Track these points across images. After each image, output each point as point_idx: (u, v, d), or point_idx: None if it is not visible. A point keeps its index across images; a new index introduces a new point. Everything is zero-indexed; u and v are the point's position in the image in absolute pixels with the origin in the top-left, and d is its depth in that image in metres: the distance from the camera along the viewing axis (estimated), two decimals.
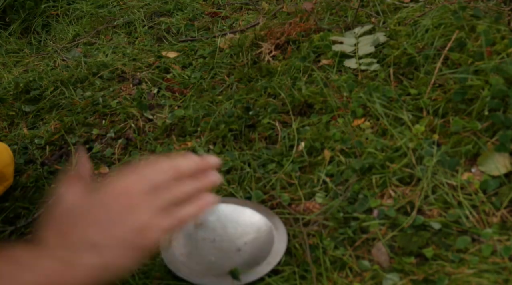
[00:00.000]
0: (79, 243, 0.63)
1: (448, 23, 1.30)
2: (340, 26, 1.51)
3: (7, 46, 2.00)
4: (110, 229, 0.64)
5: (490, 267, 0.88)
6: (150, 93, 1.51)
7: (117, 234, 0.63)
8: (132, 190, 0.67)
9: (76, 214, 0.67)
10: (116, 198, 0.67)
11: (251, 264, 0.94)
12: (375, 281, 0.90)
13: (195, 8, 1.95)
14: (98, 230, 0.64)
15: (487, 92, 1.09)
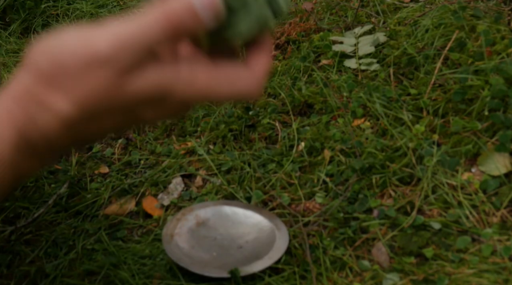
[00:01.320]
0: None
1: (448, 23, 1.30)
2: (340, 26, 1.51)
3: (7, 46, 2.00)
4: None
5: (490, 267, 0.88)
6: None
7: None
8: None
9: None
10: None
11: (252, 259, 0.94)
12: (375, 281, 0.90)
13: None
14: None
15: (487, 92, 1.09)
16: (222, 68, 0.47)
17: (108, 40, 0.43)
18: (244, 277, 0.93)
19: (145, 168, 1.26)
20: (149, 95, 0.45)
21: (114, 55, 0.42)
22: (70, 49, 0.43)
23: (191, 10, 0.44)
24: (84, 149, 1.34)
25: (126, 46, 0.43)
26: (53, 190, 1.25)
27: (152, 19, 0.44)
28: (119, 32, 0.43)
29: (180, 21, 0.44)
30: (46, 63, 0.44)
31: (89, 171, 1.29)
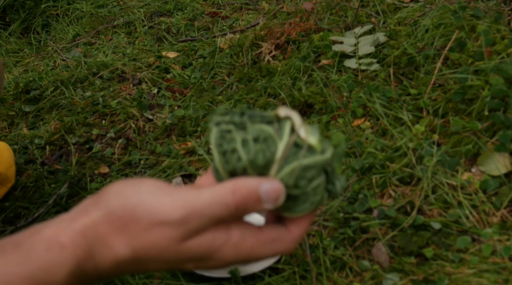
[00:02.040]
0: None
1: (448, 23, 1.30)
2: (340, 26, 1.51)
3: (7, 46, 2.00)
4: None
5: (490, 267, 0.88)
6: (150, 93, 1.52)
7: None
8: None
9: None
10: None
11: None
12: (375, 281, 0.90)
13: (195, 8, 1.95)
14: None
15: (487, 92, 1.09)
16: (267, 233, 0.51)
17: (182, 207, 0.48)
18: (244, 277, 0.93)
19: (145, 168, 1.26)
20: (199, 254, 0.50)
21: (183, 222, 0.48)
22: (146, 205, 0.49)
23: (256, 195, 0.48)
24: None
25: (195, 216, 0.48)
26: (53, 190, 1.25)
27: (222, 195, 0.48)
28: (192, 201, 0.48)
29: (245, 204, 0.48)
30: (120, 209, 0.49)
31: (89, 171, 1.29)
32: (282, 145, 0.49)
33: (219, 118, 0.51)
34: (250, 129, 0.49)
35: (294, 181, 0.49)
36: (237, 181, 0.49)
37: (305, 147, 0.49)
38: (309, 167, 0.49)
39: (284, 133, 0.49)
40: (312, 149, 0.49)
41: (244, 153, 0.49)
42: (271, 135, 0.49)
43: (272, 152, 0.48)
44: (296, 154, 0.49)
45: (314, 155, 0.49)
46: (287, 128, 0.50)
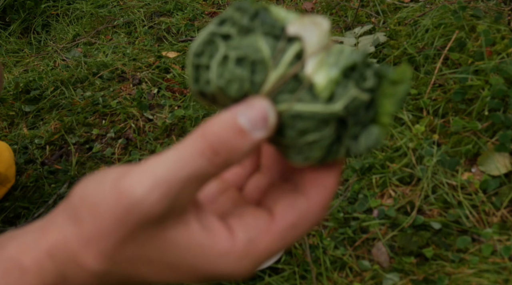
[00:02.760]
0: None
1: (448, 23, 1.30)
2: (340, 26, 1.51)
3: (7, 46, 2.00)
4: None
5: (490, 267, 0.88)
6: (150, 93, 1.52)
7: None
8: None
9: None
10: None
11: None
12: (375, 281, 0.90)
13: (195, 8, 1.95)
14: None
15: (487, 92, 1.09)
16: (282, 220, 0.38)
17: (142, 182, 0.35)
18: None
19: None
20: (191, 262, 0.37)
21: (148, 199, 0.35)
22: (105, 199, 0.36)
23: (236, 127, 0.35)
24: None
25: (161, 188, 0.34)
26: (53, 190, 1.25)
27: (189, 145, 0.35)
28: (154, 171, 0.35)
29: (225, 143, 0.35)
30: (86, 215, 0.38)
31: (89, 171, 1.29)
32: (273, 77, 0.35)
33: (228, 14, 0.37)
34: (244, 42, 0.36)
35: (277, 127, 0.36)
36: (207, 121, 0.36)
37: (304, 86, 0.35)
38: (300, 116, 0.35)
39: (282, 60, 0.35)
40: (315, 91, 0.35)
41: (216, 76, 0.36)
42: (264, 59, 0.35)
43: (255, 83, 0.35)
44: (294, 92, 0.35)
45: (313, 102, 0.35)
46: (290, 53, 0.35)
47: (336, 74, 0.35)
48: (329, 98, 0.35)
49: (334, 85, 0.35)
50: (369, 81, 0.36)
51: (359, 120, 0.36)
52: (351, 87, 0.35)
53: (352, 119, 0.36)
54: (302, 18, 0.36)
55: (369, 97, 0.36)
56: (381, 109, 0.36)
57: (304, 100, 0.35)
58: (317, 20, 0.36)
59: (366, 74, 0.36)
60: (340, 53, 0.36)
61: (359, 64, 0.36)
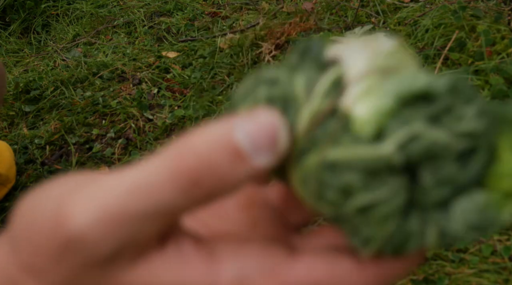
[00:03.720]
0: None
1: (448, 23, 1.30)
2: (340, 26, 1.51)
3: (7, 46, 2.00)
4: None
5: (490, 267, 0.88)
6: (150, 93, 1.52)
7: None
8: None
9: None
10: None
11: None
12: None
13: (195, 8, 1.95)
14: None
15: (487, 92, 1.09)
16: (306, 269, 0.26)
17: (83, 213, 0.25)
18: None
19: None
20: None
21: (90, 236, 0.25)
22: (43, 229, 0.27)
23: (230, 146, 0.24)
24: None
25: (110, 223, 0.25)
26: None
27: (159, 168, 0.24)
28: (104, 199, 0.25)
29: (210, 168, 0.24)
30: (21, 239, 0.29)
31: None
32: (306, 113, 0.24)
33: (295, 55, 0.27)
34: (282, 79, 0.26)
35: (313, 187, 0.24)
36: (188, 133, 0.25)
37: (341, 121, 0.24)
38: (336, 166, 0.23)
39: (316, 92, 0.24)
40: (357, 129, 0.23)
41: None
42: (295, 94, 0.25)
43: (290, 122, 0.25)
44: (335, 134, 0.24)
45: (353, 143, 0.23)
46: (325, 82, 0.24)
47: (389, 103, 0.23)
48: (376, 136, 0.23)
49: (385, 118, 0.23)
50: (467, 122, 0.22)
51: (445, 177, 0.23)
52: (416, 121, 0.22)
53: (429, 173, 0.23)
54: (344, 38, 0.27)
55: (462, 143, 0.22)
56: (500, 167, 0.23)
57: (341, 142, 0.23)
58: (373, 39, 0.27)
59: (461, 112, 0.23)
60: (412, 78, 0.23)
61: (441, 93, 0.23)
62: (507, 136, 0.23)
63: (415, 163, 0.23)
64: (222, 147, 0.24)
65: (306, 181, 0.24)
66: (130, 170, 0.25)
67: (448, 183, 0.23)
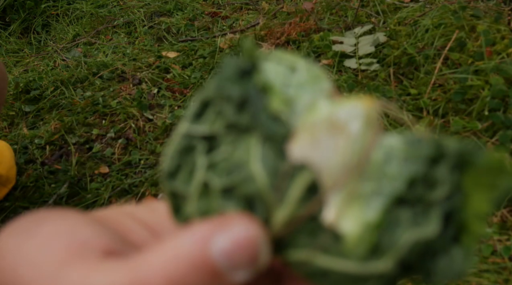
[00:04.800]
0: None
1: (448, 23, 1.30)
2: (340, 26, 1.51)
3: (7, 46, 2.00)
4: None
5: (490, 267, 0.87)
6: (150, 93, 1.52)
7: None
8: None
9: None
10: None
11: None
12: None
13: (195, 8, 1.95)
14: None
15: (487, 92, 1.09)
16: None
17: None
18: None
19: (145, 168, 1.26)
20: None
21: None
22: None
23: (206, 266, 0.22)
24: None
25: None
26: (53, 190, 1.25)
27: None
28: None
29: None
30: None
31: (89, 171, 1.29)
32: (280, 217, 0.23)
33: (210, 94, 0.25)
34: (234, 155, 0.23)
35: (301, 272, 0.24)
36: (159, 247, 0.22)
37: (327, 234, 0.22)
38: (327, 273, 0.23)
39: (287, 197, 0.23)
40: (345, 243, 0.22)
41: (197, 213, 0.24)
42: (260, 192, 0.23)
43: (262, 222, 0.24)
44: (314, 234, 0.23)
45: (344, 258, 0.22)
46: (298, 186, 0.22)
47: (377, 216, 0.22)
48: (370, 252, 0.22)
49: (375, 232, 0.22)
50: (442, 187, 0.23)
51: (431, 251, 0.23)
52: (405, 226, 0.22)
53: (418, 260, 0.23)
54: (315, 118, 0.23)
55: (439, 225, 0.23)
56: (469, 209, 0.24)
57: (330, 252, 0.22)
58: (341, 117, 0.23)
59: (436, 175, 0.23)
60: (386, 163, 0.23)
61: (420, 174, 0.23)
62: (472, 178, 0.23)
63: (407, 261, 0.23)
64: (197, 268, 0.21)
65: (292, 266, 0.24)
66: (98, 273, 0.23)
67: (433, 254, 0.23)
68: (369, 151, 0.23)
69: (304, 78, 0.25)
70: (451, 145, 0.23)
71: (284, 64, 0.25)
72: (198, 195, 0.24)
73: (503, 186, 0.23)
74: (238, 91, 0.24)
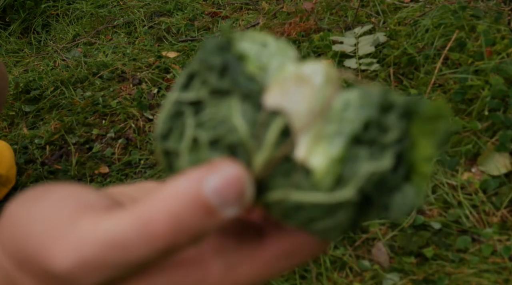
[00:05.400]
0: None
1: (448, 23, 1.30)
2: (340, 26, 1.51)
3: (7, 46, 2.00)
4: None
5: (490, 267, 0.88)
6: (150, 93, 1.52)
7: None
8: None
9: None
10: None
11: None
12: (375, 281, 0.90)
13: (195, 8, 1.95)
14: None
15: (487, 92, 1.09)
16: (272, 249, 0.31)
17: (68, 258, 0.28)
18: None
19: (145, 168, 1.26)
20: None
21: (72, 277, 0.28)
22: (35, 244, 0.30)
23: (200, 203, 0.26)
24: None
25: (89, 269, 0.28)
26: None
27: (130, 228, 0.27)
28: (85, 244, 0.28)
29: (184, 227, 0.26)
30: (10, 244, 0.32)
31: (89, 171, 1.29)
32: (259, 161, 0.27)
33: (195, 68, 0.30)
34: (218, 113, 0.28)
35: (278, 214, 0.28)
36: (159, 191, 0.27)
37: (299, 171, 0.27)
38: (301, 207, 0.27)
39: (265, 141, 0.27)
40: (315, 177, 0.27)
41: (189, 165, 0.29)
42: (242, 140, 0.27)
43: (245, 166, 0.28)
44: (288, 174, 0.27)
45: (314, 191, 0.27)
46: (273, 131, 0.27)
47: (340, 150, 0.27)
48: (335, 183, 0.27)
49: (339, 165, 0.27)
50: (392, 132, 0.27)
51: (387, 186, 0.27)
52: (364, 160, 0.27)
53: (376, 192, 0.27)
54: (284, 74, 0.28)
55: (392, 160, 0.27)
56: (417, 154, 0.28)
57: (302, 187, 0.27)
58: (306, 72, 0.28)
59: (387, 122, 0.27)
60: (345, 110, 0.27)
61: (374, 118, 0.27)
62: (418, 126, 0.28)
63: (367, 191, 0.27)
64: (193, 204, 0.26)
65: (270, 208, 0.28)
66: (108, 219, 0.28)
67: (388, 190, 0.28)
68: (330, 99, 0.28)
69: (274, 50, 0.30)
70: (399, 98, 0.27)
71: (257, 41, 0.30)
72: (189, 150, 0.28)
73: (443, 130, 0.28)
74: (219, 60, 0.29)
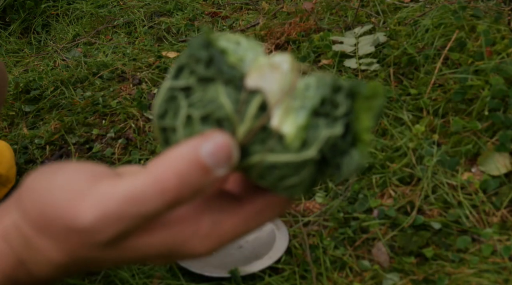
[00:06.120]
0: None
1: (448, 23, 1.30)
2: (340, 26, 1.51)
3: (7, 46, 2.00)
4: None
5: (490, 267, 0.88)
6: (150, 93, 1.52)
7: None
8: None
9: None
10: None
11: (252, 259, 0.95)
12: (375, 281, 0.90)
13: (195, 8, 1.95)
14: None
15: (487, 92, 1.09)
16: (250, 206, 0.39)
17: (94, 210, 0.35)
18: (244, 277, 0.93)
19: None
20: (154, 253, 0.38)
21: (97, 229, 0.36)
22: (57, 206, 0.37)
23: (199, 163, 0.34)
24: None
25: (111, 221, 0.35)
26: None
27: (145, 184, 0.34)
28: (106, 200, 0.35)
29: (187, 183, 0.34)
30: (33, 210, 0.38)
31: None
32: (242, 131, 0.35)
33: (184, 61, 0.37)
34: (205, 95, 0.36)
35: (255, 175, 0.37)
36: (164, 156, 0.35)
37: (274, 137, 0.35)
38: (275, 166, 0.35)
39: (246, 115, 0.35)
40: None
41: (184, 138, 0.36)
42: (228, 115, 0.35)
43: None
44: (264, 142, 0.35)
45: (285, 152, 0.35)
46: (253, 107, 0.35)
47: (304, 120, 0.35)
48: (301, 145, 0.35)
49: (304, 131, 0.35)
50: (341, 107, 0.36)
51: (338, 150, 0.36)
52: (322, 128, 0.35)
53: (331, 153, 0.36)
54: (259, 63, 0.36)
55: (342, 128, 0.36)
56: (359, 125, 0.36)
57: (275, 150, 0.35)
58: (276, 61, 0.36)
59: (337, 100, 0.36)
60: (306, 90, 0.36)
61: (328, 96, 0.36)
62: (360, 103, 0.36)
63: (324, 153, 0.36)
64: (194, 165, 0.34)
65: (249, 170, 0.36)
66: (124, 180, 0.35)
67: (339, 153, 0.36)
68: (295, 81, 0.36)
69: (246, 47, 0.37)
70: (346, 82, 0.36)
71: (231, 41, 0.37)
72: (184, 125, 0.36)
73: (378, 106, 0.36)
74: (205, 54, 0.36)
